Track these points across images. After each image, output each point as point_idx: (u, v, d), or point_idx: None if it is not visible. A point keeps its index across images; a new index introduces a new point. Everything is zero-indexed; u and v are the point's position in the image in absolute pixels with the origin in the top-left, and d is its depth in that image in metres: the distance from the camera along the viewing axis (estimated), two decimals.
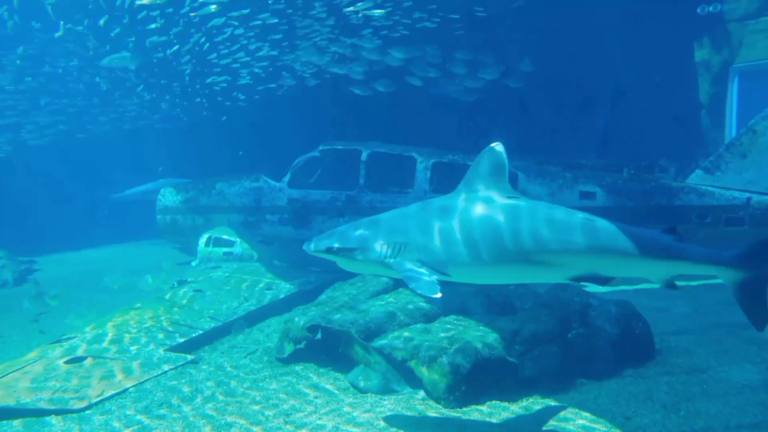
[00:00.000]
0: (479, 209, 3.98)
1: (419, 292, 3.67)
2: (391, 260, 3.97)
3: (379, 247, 4.03)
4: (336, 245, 4.17)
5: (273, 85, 14.56)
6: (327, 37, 12.75)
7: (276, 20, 11.80)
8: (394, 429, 4.58)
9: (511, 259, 3.85)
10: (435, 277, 3.77)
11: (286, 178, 11.16)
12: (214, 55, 13.09)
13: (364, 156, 10.66)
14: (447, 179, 10.63)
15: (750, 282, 3.69)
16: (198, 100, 15.76)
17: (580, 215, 3.92)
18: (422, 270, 3.82)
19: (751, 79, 14.03)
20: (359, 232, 4.18)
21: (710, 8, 13.76)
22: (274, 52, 13.10)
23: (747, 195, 9.21)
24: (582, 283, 3.93)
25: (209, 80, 14.33)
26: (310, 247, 4.30)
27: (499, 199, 4.01)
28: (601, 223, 3.84)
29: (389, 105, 13.84)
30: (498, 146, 4.13)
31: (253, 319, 7.65)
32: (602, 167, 10.44)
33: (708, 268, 3.84)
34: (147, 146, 16.50)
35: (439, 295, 3.57)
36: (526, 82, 13.31)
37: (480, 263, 3.88)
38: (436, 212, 4.09)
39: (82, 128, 16.12)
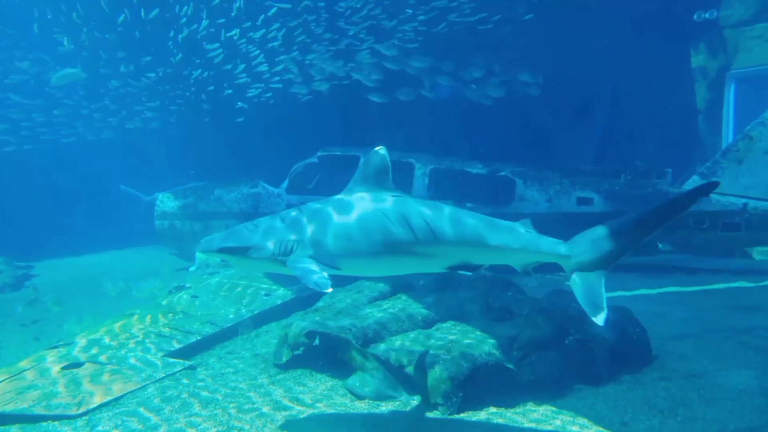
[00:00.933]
0: (364, 207, 4.27)
1: (310, 286, 3.90)
2: (284, 258, 4.19)
3: (272, 245, 4.21)
4: (228, 244, 4.33)
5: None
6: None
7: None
8: None
9: (393, 251, 4.14)
10: (326, 273, 4.05)
11: (284, 184, 11.18)
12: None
13: (362, 162, 10.67)
14: (445, 185, 10.68)
15: (584, 271, 3.99)
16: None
17: (452, 211, 4.24)
18: (313, 266, 4.08)
19: (747, 85, 14.11)
20: (253, 230, 4.36)
21: (706, 15, 13.85)
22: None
23: (743, 200, 9.26)
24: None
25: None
26: (201, 247, 4.44)
27: (383, 198, 4.32)
28: (471, 217, 4.20)
29: (391, 110, 13.90)
30: (381, 149, 4.46)
31: (251, 325, 7.65)
32: (600, 173, 10.48)
33: (553, 256, 4.08)
34: (154, 149, 16.44)
35: (330, 290, 3.86)
36: (525, 88, 13.36)
37: (367, 256, 4.17)
38: (326, 211, 4.33)
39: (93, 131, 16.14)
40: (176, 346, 6.77)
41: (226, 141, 15.48)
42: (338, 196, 4.48)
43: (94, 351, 6.58)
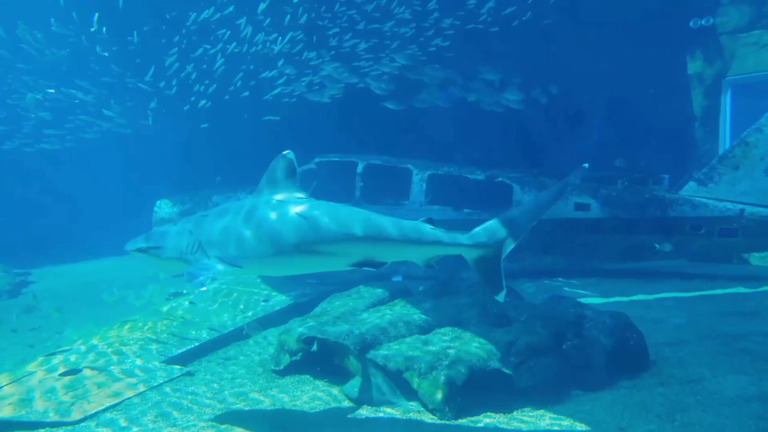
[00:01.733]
0: (270, 208, 4.41)
1: (189, 282, 4.17)
2: (190, 257, 4.40)
3: (182, 245, 4.45)
4: (143, 245, 4.60)
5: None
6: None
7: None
8: None
9: (295, 251, 4.30)
10: (223, 269, 4.27)
11: None
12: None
13: (359, 168, 10.71)
14: (443, 191, 10.71)
15: (484, 257, 4.43)
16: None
17: (356, 210, 4.46)
18: (212, 264, 4.29)
19: (743, 92, 14.17)
20: (167, 231, 4.63)
21: (702, 22, 13.93)
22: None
23: (740, 206, 9.28)
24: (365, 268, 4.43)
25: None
26: (127, 246, 4.72)
27: (289, 199, 4.48)
28: (373, 216, 4.39)
29: (390, 117, 13.93)
30: (289, 153, 4.62)
31: None
32: (597, 179, 10.51)
33: (455, 248, 4.42)
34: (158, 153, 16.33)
35: (204, 288, 4.14)
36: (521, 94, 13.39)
37: (269, 256, 4.34)
38: (235, 212, 4.50)
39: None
40: (174, 352, 6.77)
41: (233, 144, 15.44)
42: (249, 199, 4.66)
43: (92, 358, 6.57)
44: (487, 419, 4.89)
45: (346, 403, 5.40)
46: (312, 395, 5.62)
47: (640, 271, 10.33)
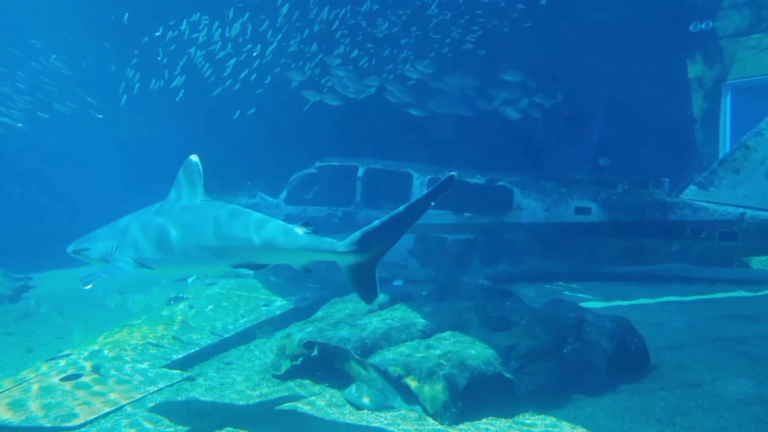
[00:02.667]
0: (171, 212, 4.76)
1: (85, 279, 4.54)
2: (109, 257, 4.80)
3: (104, 246, 4.83)
4: (77, 247, 4.97)
5: None
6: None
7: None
8: None
9: (192, 252, 4.63)
10: (129, 269, 4.70)
11: (283, 195, 11.20)
12: None
13: (360, 172, 10.73)
14: (443, 195, 10.70)
15: (358, 265, 4.42)
16: None
17: (249, 214, 4.65)
18: (122, 265, 4.70)
19: (743, 95, 14.19)
20: (97, 235, 4.98)
21: (702, 25, 13.96)
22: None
23: (741, 210, 9.28)
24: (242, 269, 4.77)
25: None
26: (68, 249, 5.05)
27: (189, 203, 4.79)
28: (261, 221, 4.58)
29: (391, 122, 13.95)
30: (194, 157, 4.90)
31: (250, 335, 7.65)
32: (597, 182, 10.52)
33: (331, 255, 4.44)
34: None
35: (89, 286, 4.45)
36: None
37: (172, 257, 4.69)
38: (146, 215, 4.87)
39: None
40: (175, 356, 6.77)
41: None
42: (160, 202, 4.95)
43: (92, 362, 6.56)
44: (488, 424, 4.89)
45: (347, 408, 5.39)
46: (312, 400, 5.62)
47: (641, 275, 10.33)
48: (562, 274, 10.38)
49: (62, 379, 6.05)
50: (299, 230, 4.48)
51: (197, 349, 7.01)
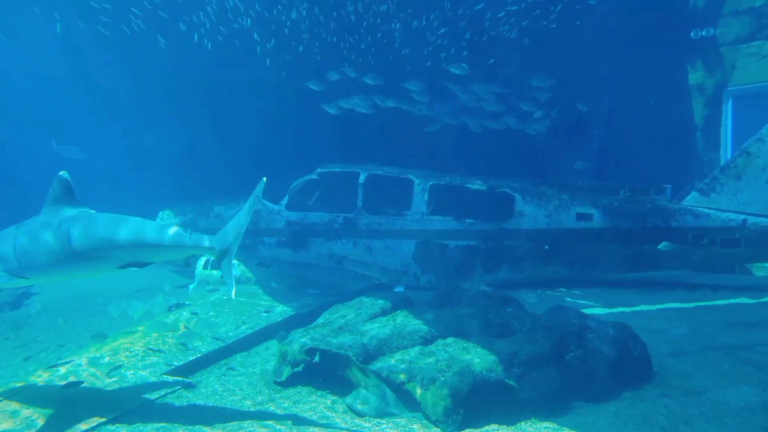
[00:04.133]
0: (45, 224, 5.05)
1: None
2: None
3: None
4: None
5: None
6: None
7: None
8: None
9: (69, 260, 4.96)
10: (4, 281, 4.95)
11: (284, 201, 11.19)
12: None
13: (361, 178, 10.73)
14: (444, 201, 10.72)
15: (221, 253, 5.09)
16: None
17: (122, 218, 5.04)
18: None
19: (744, 102, 14.20)
20: None
21: (703, 32, 13.97)
22: None
23: (743, 217, 9.27)
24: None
25: None
26: None
27: (64, 214, 5.10)
28: (136, 223, 5.03)
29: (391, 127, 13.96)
30: (64, 173, 5.24)
31: (251, 342, 7.64)
32: (598, 189, 10.52)
33: (202, 249, 5.10)
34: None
35: None
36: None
37: (48, 267, 5.00)
38: (20, 228, 5.11)
39: None
40: (176, 363, 6.74)
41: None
42: (32, 218, 5.21)
43: (93, 369, 6.55)
44: (490, 431, 4.87)
45: (349, 415, 5.38)
46: (314, 407, 5.60)
47: (643, 282, 10.31)
48: (564, 281, 10.37)
49: (63, 387, 6.03)
50: (173, 229, 5.00)
51: (199, 355, 6.99)
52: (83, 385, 6.09)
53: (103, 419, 5.35)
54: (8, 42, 14.25)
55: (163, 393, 5.98)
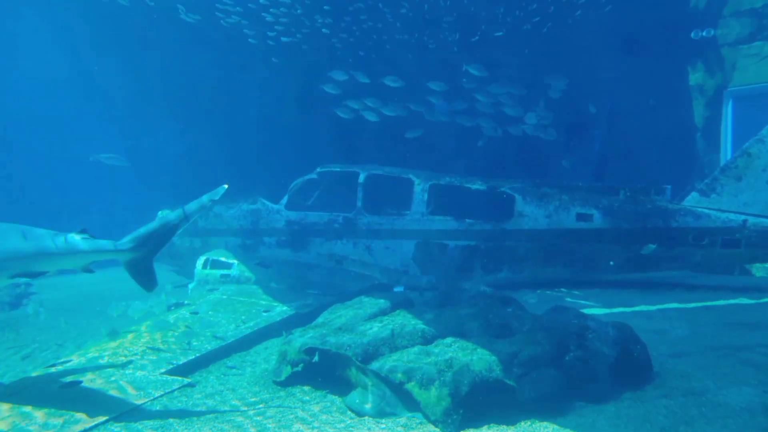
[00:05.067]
0: None
1: None
2: None
3: None
4: None
5: None
6: None
7: None
8: None
9: None
10: None
11: (284, 201, 11.19)
12: None
13: (361, 178, 10.72)
14: (444, 201, 10.71)
15: (135, 260, 5.29)
16: None
17: (14, 228, 5.00)
18: None
19: (744, 103, 14.19)
20: None
21: (704, 33, 13.97)
22: None
23: (743, 217, 9.27)
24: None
25: None
26: None
27: None
28: (31, 232, 5.00)
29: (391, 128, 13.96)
30: None
31: (250, 341, 7.63)
32: (599, 190, 10.51)
33: (110, 254, 5.19)
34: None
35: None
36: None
37: None
38: None
39: None
40: (176, 362, 6.73)
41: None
42: None
43: (92, 370, 6.54)
44: (490, 431, 4.85)
45: (348, 415, 5.36)
46: (313, 406, 5.59)
47: (643, 282, 10.30)
48: (564, 281, 10.36)
49: (61, 387, 6.02)
50: (77, 236, 5.07)
51: (198, 354, 6.98)
52: (82, 384, 6.08)
53: (102, 419, 5.34)
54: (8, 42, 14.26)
55: (162, 392, 5.97)
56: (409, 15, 13.58)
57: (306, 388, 6.04)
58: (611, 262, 9.81)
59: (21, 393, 5.88)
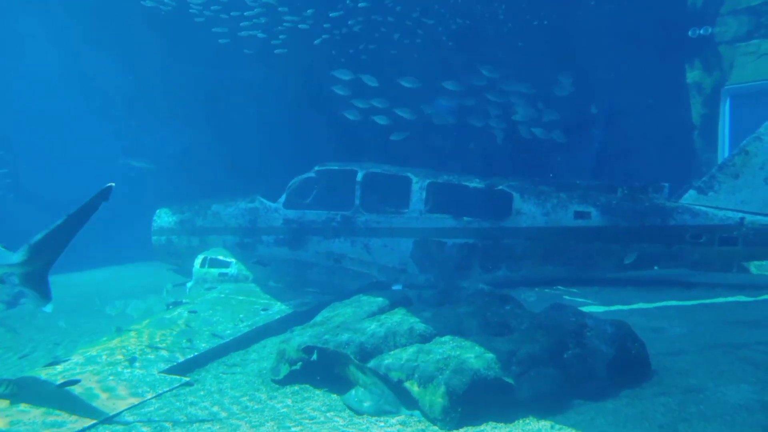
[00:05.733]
0: None
1: None
2: None
3: None
4: None
5: None
6: None
7: None
8: None
9: None
10: None
11: (282, 199, 11.18)
12: None
13: (359, 176, 10.71)
14: (442, 199, 10.71)
15: (30, 273, 5.16)
16: None
17: None
18: None
19: (742, 100, 14.21)
20: None
21: (701, 31, 13.99)
22: None
23: (740, 215, 9.28)
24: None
25: None
26: None
27: None
28: None
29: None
30: None
31: (249, 340, 7.62)
32: (597, 188, 10.52)
33: (4, 268, 5.04)
34: None
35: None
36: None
37: None
38: None
39: None
40: (174, 361, 6.74)
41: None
42: None
43: (90, 368, 6.53)
44: (488, 429, 4.86)
45: (347, 413, 5.37)
46: (312, 405, 5.59)
47: (640, 280, 10.31)
48: (562, 279, 10.37)
49: (59, 386, 6.01)
50: None
51: (197, 353, 6.98)
52: (80, 383, 6.07)
53: (101, 418, 5.34)
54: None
55: (160, 392, 5.97)
56: (408, 14, 13.59)
57: (304, 386, 6.04)
58: (625, 260, 9.79)
59: (18, 392, 5.87)
